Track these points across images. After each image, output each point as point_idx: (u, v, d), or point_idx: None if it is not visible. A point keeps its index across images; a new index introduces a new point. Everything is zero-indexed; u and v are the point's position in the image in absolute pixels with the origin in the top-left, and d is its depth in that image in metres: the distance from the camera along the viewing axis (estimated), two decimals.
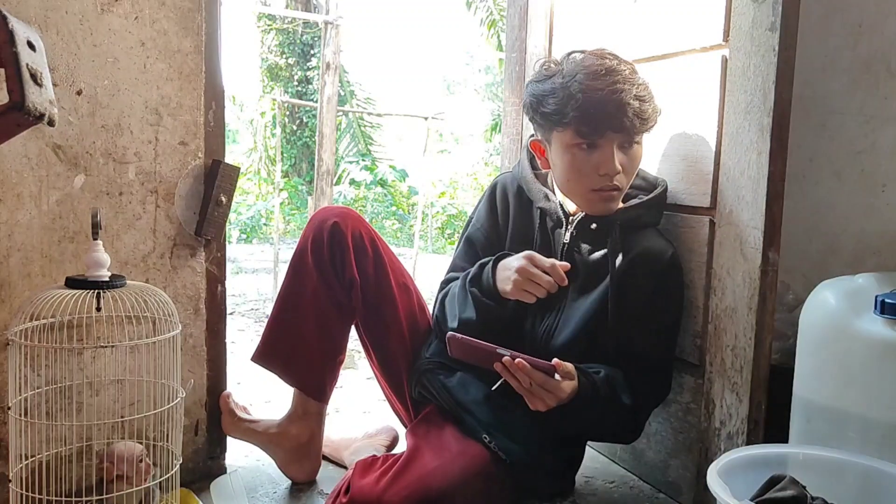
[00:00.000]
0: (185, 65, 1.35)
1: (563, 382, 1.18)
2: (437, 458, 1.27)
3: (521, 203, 1.47)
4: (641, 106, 1.28)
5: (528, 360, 1.17)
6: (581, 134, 1.29)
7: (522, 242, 1.44)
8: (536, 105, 1.34)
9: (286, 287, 1.47)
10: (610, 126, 1.28)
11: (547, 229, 1.43)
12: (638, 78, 1.30)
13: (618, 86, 1.26)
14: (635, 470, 1.59)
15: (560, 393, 1.18)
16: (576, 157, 1.32)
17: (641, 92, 1.28)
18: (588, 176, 1.32)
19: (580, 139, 1.30)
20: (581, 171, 1.32)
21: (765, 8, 1.21)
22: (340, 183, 11.76)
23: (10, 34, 0.81)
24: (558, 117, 1.30)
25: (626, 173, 1.33)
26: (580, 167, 1.32)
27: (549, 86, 1.31)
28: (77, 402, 1.26)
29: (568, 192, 1.39)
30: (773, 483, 1.00)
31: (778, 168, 1.21)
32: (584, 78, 1.27)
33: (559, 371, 1.17)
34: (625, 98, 1.26)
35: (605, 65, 1.28)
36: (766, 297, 1.24)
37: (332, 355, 1.48)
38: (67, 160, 1.24)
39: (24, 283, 1.22)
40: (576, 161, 1.32)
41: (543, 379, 1.17)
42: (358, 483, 1.23)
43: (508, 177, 1.51)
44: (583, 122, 1.28)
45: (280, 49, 12.28)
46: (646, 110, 1.29)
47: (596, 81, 1.27)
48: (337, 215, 1.43)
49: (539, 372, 1.17)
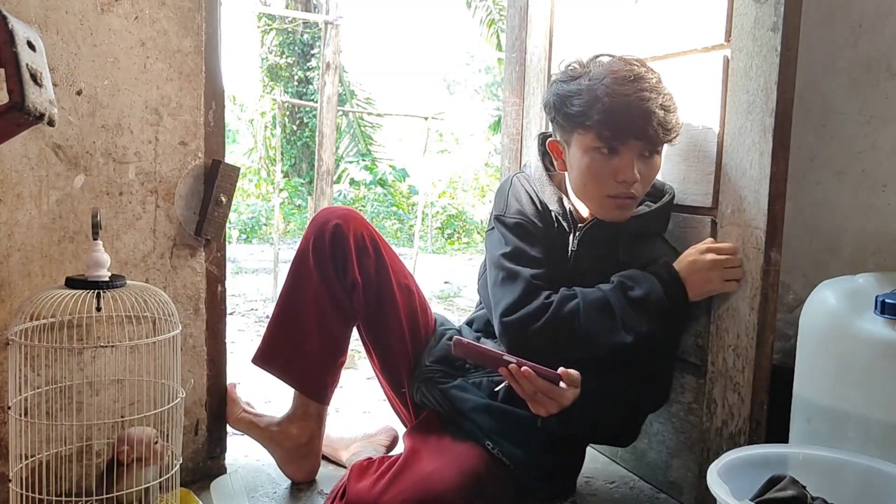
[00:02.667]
0: (185, 65, 1.35)
1: (568, 391, 1.18)
2: (434, 461, 1.27)
3: (535, 204, 1.45)
4: (666, 116, 1.26)
5: (534, 368, 1.16)
6: (603, 138, 1.28)
7: (545, 243, 1.39)
8: (560, 105, 1.32)
9: (287, 288, 1.46)
10: (633, 133, 1.26)
11: (560, 232, 1.40)
12: (664, 87, 1.29)
13: (645, 93, 1.25)
14: (636, 470, 1.59)
15: (563, 400, 1.18)
16: (595, 160, 1.30)
17: (667, 102, 1.27)
18: (605, 181, 1.30)
19: (601, 143, 1.28)
20: (598, 176, 1.30)
21: (766, 8, 1.21)
22: (340, 182, 11.76)
23: (10, 34, 0.81)
24: (582, 119, 1.28)
25: (644, 182, 1.31)
26: (598, 171, 1.30)
27: (574, 87, 1.29)
28: (77, 402, 1.26)
29: (583, 196, 1.36)
30: (773, 483, 1.00)
31: (780, 168, 1.21)
32: (611, 82, 1.26)
33: (564, 380, 1.17)
34: (651, 106, 1.25)
35: (633, 71, 1.27)
36: (768, 297, 1.24)
37: (332, 357, 1.48)
38: (67, 160, 1.24)
39: (24, 283, 1.22)
40: (594, 164, 1.30)
41: (547, 387, 1.17)
42: (354, 487, 1.22)
43: (522, 178, 1.47)
44: (606, 126, 1.26)
45: (280, 49, 12.29)
46: (670, 120, 1.27)
47: (624, 87, 1.25)
48: (339, 216, 1.42)
49: (543, 380, 1.17)
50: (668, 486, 1.49)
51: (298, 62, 12.29)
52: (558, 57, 1.77)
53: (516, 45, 1.95)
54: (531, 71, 1.90)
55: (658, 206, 1.37)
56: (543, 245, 1.36)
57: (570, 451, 1.43)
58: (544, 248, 1.36)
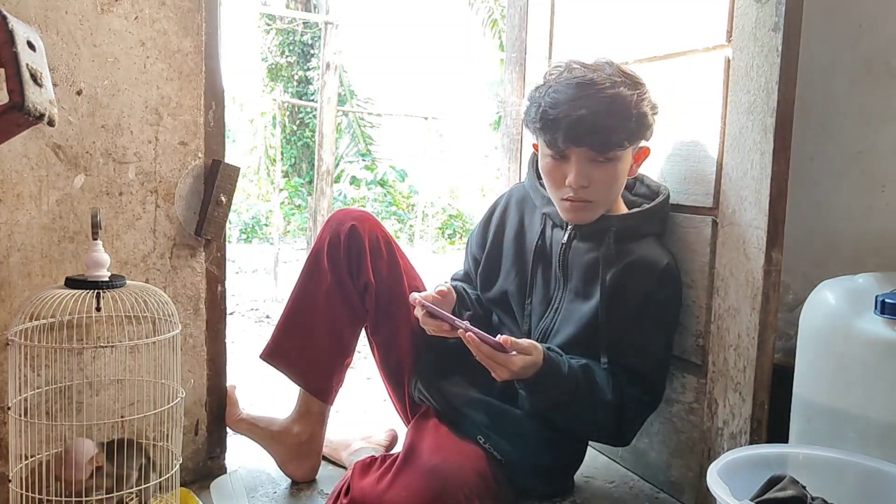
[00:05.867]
0: (185, 65, 1.35)
1: (516, 357, 1.19)
2: (435, 457, 1.27)
3: (528, 209, 1.51)
4: (607, 123, 1.25)
5: (477, 334, 1.19)
6: (548, 144, 1.32)
7: (521, 245, 1.48)
8: (525, 111, 1.37)
9: (299, 287, 1.47)
10: (570, 140, 1.28)
11: (549, 232, 1.45)
12: (621, 92, 1.25)
13: (581, 101, 1.25)
14: (637, 470, 1.59)
15: (511, 366, 1.19)
16: (549, 164, 1.35)
17: (615, 108, 1.25)
18: (558, 184, 1.34)
19: (549, 149, 1.33)
20: (553, 180, 1.35)
21: (768, 8, 1.21)
22: (340, 181, 11.75)
23: (10, 34, 0.81)
24: (533, 125, 1.33)
25: (600, 187, 1.32)
26: (552, 175, 1.35)
27: (535, 94, 1.34)
28: (77, 402, 1.26)
29: (551, 197, 1.41)
30: (773, 483, 1.00)
31: (781, 168, 1.21)
32: (555, 90, 1.28)
33: (507, 347, 1.19)
34: (585, 114, 1.24)
35: (584, 77, 1.27)
36: (769, 297, 1.24)
37: (340, 357, 1.49)
38: (67, 160, 1.24)
39: (24, 283, 1.22)
40: (548, 168, 1.35)
41: (491, 352, 1.19)
42: (358, 484, 1.23)
43: (520, 186, 1.56)
44: (545, 134, 1.31)
45: (280, 49, 12.29)
46: (611, 127, 1.26)
47: (563, 94, 1.27)
48: (355, 218, 1.44)
49: (487, 345, 1.19)
50: (669, 486, 1.49)
51: (298, 62, 12.29)
52: (558, 57, 1.78)
53: (516, 45, 1.95)
54: (531, 71, 1.90)
55: (645, 208, 1.38)
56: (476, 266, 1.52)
57: (566, 448, 1.42)
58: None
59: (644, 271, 1.32)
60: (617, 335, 1.31)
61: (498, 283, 1.50)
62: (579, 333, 1.34)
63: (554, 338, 1.37)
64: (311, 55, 12.09)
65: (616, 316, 1.32)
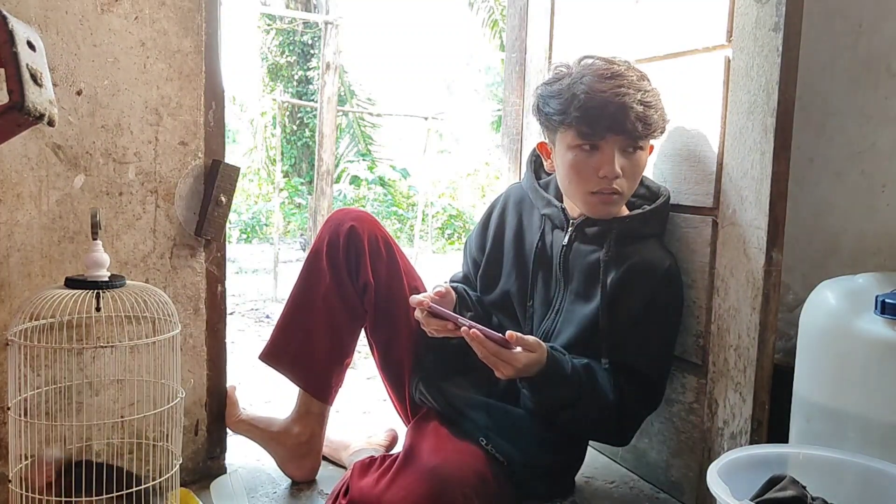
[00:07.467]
0: (185, 65, 1.35)
1: (520, 353, 1.19)
2: (435, 457, 1.27)
3: (526, 210, 1.50)
4: (646, 111, 1.28)
5: (482, 331, 1.19)
6: (582, 135, 1.30)
7: (520, 247, 1.48)
8: (543, 106, 1.35)
9: (298, 287, 1.47)
10: (611, 128, 1.28)
11: (549, 233, 1.44)
12: (646, 84, 1.31)
13: (622, 89, 1.27)
14: (637, 470, 1.59)
15: (516, 363, 1.19)
16: (577, 158, 1.32)
17: (647, 98, 1.29)
18: (587, 178, 1.32)
19: (582, 140, 1.31)
20: (581, 173, 1.33)
21: (768, 8, 1.21)
22: (340, 181, 11.75)
23: (10, 34, 0.81)
24: (562, 117, 1.31)
25: (628, 178, 1.33)
26: (580, 168, 1.33)
27: (556, 87, 1.33)
28: (77, 402, 1.26)
29: (569, 194, 1.40)
30: (773, 483, 1.00)
31: (781, 168, 1.21)
32: (589, 80, 1.29)
33: (512, 343, 1.18)
34: (627, 101, 1.26)
35: (612, 69, 1.30)
36: (770, 297, 1.24)
37: (339, 358, 1.49)
38: (67, 160, 1.24)
39: (24, 283, 1.22)
40: (576, 162, 1.33)
41: (496, 349, 1.18)
42: (357, 484, 1.23)
43: (517, 187, 1.56)
44: (584, 122, 1.29)
45: (280, 49, 12.28)
46: (650, 115, 1.29)
47: (601, 83, 1.28)
48: (354, 218, 1.44)
49: (492, 342, 1.18)
50: (669, 486, 1.49)
51: (298, 62, 12.28)
52: (558, 57, 1.77)
53: (516, 45, 1.95)
54: (531, 71, 1.90)
55: (647, 210, 1.38)
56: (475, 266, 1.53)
57: (567, 449, 1.43)
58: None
59: (647, 274, 1.32)
60: (618, 337, 1.31)
61: (499, 285, 1.50)
62: (580, 335, 1.34)
63: (555, 339, 1.37)
64: (311, 55, 12.08)
65: (618, 318, 1.32)
